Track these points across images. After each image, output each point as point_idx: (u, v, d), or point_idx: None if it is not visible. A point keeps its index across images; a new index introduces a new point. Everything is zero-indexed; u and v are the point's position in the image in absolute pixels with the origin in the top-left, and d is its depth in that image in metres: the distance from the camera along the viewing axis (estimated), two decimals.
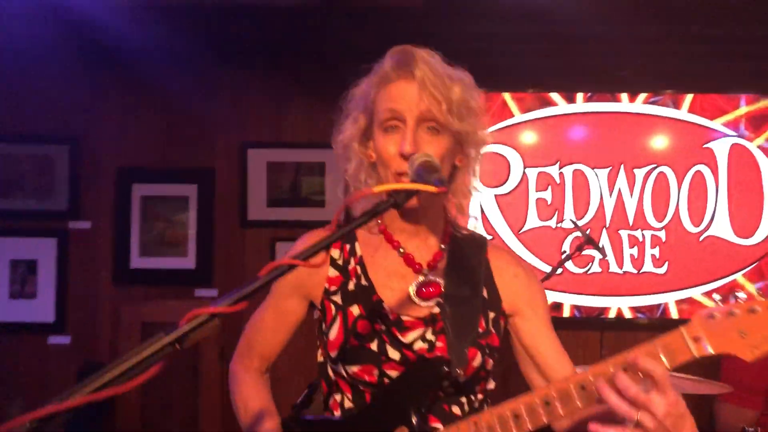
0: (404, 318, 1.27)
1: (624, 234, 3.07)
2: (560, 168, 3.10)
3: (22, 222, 3.28)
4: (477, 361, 1.26)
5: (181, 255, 3.28)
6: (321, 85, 3.27)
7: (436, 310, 1.28)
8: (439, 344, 1.25)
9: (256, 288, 0.98)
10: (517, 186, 3.12)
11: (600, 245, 2.82)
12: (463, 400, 1.26)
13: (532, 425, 1.09)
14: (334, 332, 1.29)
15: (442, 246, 1.32)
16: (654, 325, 2.99)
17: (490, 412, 1.14)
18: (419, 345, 1.25)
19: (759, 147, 3.06)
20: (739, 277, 3.04)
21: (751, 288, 3.03)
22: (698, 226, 3.08)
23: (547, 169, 3.11)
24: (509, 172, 3.12)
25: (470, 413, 1.27)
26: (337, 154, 1.37)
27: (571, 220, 2.97)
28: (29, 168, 3.30)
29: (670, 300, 3.04)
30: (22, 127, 3.30)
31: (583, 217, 3.07)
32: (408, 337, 1.26)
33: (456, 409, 1.26)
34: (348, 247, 1.35)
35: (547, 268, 3.05)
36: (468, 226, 1.41)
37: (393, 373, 1.25)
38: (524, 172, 3.11)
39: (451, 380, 1.23)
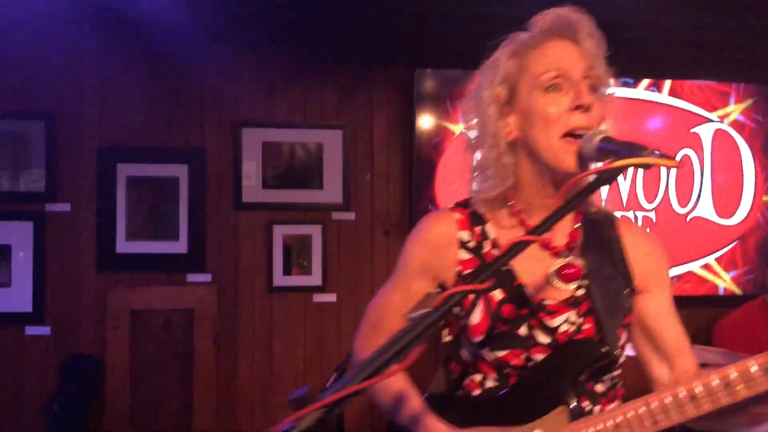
0: (548, 302, 1.25)
1: (618, 215, 3.17)
2: None
3: None
4: (623, 339, 1.27)
5: (172, 239, 3.12)
6: (316, 63, 3.20)
7: (579, 292, 1.27)
8: (586, 326, 1.25)
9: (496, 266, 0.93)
10: None
11: None
12: (605, 377, 1.27)
13: (712, 406, 1.11)
14: (476, 317, 1.25)
15: (576, 225, 1.31)
16: None
17: (659, 394, 1.15)
18: (566, 328, 1.25)
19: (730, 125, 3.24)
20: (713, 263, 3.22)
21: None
22: (685, 207, 3.22)
23: None
24: None
25: (611, 390, 1.28)
26: (469, 134, 1.32)
27: None
28: (1, 146, 3.03)
29: None
30: None
31: None
32: (554, 321, 1.25)
33: (599, 387, 1.26)
34: (478, 229, 1.31)
35: None
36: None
37: (540, 357, 1.24)
38: None
39: (605, 360, 1.23)
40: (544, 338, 1.24)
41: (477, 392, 1.29)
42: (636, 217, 3.19)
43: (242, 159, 3.15)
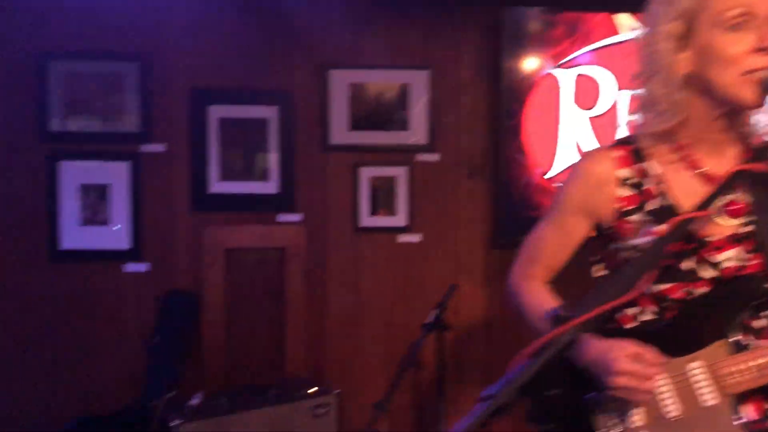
0: (712, 237, 1.27)
1: None
2: None
3: (91, 145, 3.11)
4: None
5: (263, 179, 3.19)
6: (403, 3, 3.18)
7: (744, 228, 1.28)
8: (752, 262, 1.27)
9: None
10: (609, 108, 3.13)
11: None
12: (764, 314, 1.29)
13: None
14: None
15: (742, 159, 1.32)
16: None
17: None
18: (731, 263, 1.27)
19: None
20: None
21: None
22: None
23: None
24: (601, 95, 3.12)
25: None
26: (640, 69, 1.33)
27: None
28: (96, 87, 3.10)
29: None
30: (87, 43, 3.08)
31: None
32: (719, 257, 1.27)
33: (760, 323, 1.29)
34: (640, 165, 1.33)
35: None
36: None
37: (701, 291, 1.26)
38: (617, 95, 3.12)
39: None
40: (707, 273, 1.27)
41: (630, 325, 1.33)
42: None
43: (330, 101, 3.18)
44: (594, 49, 3.10)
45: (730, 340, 1.24)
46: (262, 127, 3.17)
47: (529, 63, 3.11)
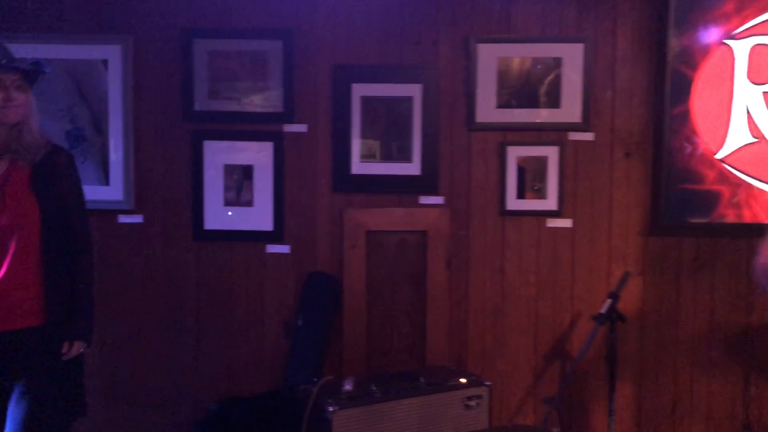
0: None
1: None
2: None
3: (235, 125, 3.08)
4: None
5: (405, 160, 3.07)
6: None
7: None
8: None
9: None
10: None
11: None
12: None
13: None
14: None
15: None
16: None
17: None
18: None
19: None
20: None
21: None
22: None
23: None
24: None
25: None
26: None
27: None
28: (240, 66, 3.06)
29: None
30: (230, 21, 3.05)
31: None
32: None
33: None
34: None
35: None
36: None
37: None
38: None
39: None
40: None
41: None
42: None
43: (476, 77, 3.02)
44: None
45: None
46: (406, 105, 3.05)
47: (699, 33, 2.85)
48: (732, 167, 2.89)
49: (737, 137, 2.86)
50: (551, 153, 3.04)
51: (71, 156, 2.26)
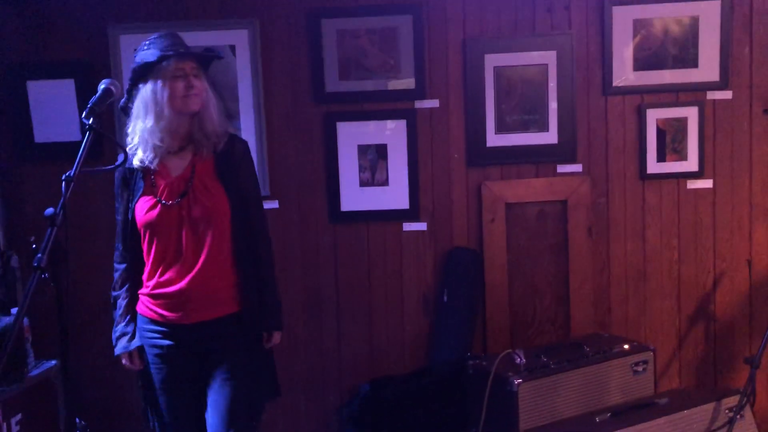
0: None
1: None
2: None
3: (367, 104, 3.04)
4: None
5: (541, 129, 3.04)
6: None
7: None
8: None
9: None
10: None
11: None
12: None
13: None
14: None
15: None
16: None
17: None
18: None
19: None
20: None
21: None
22: None
23: None
24: None
25: None
26: None
27: None
28: (369, 44, 3.01)
29: None
30: None
31: None
32: None
33: None
34: None
35: None
36: None
37: None
38: None
39: None
40: None
41: None
42: None
43: (612, 40, 2.97)
44: None
45: None
46: (540, 73, 3.01)
47: None
48: None
49: None
50: (690, 113, 3.00)
51: (246, 143, 2.24)
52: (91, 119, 1.76)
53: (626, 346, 2.72)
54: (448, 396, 2.78)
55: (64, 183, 1.63)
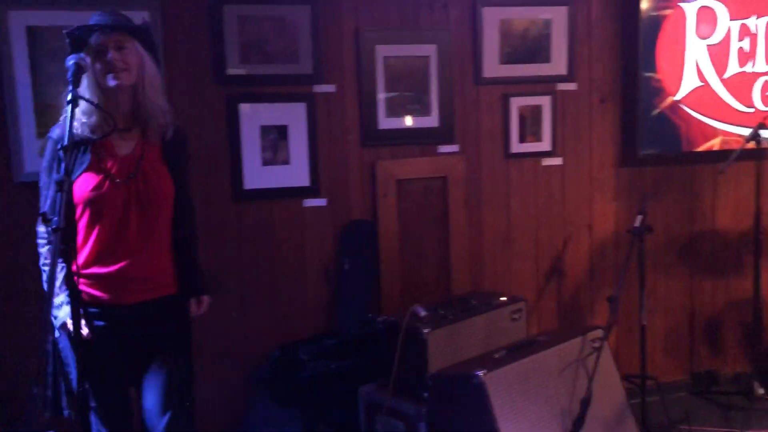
0: None
1: None
2: (756, 19, 3.59)
3: (268, 87, 3.23)
4: None
5: (425, 114, 3.43)
6: None
7: None
8: None
9: None
10: (723, 37, 3.57)
11: None
12: None
13: None
14: None
15: None
16: None
17: None
18: None
19: None
20: None
21: None
22: None
23: (747, 21, 3.58)
24: (718, 25, 3.55)
25: None
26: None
27: None
28: (270, 30, 3.20)
29: None
30: None
31: None
32: None
33: None
34: None
35: (742, 107, 3.61)
36: None
37: None
38: (729, 25, 3.56)
39: None
40: None
41: None
42: None
43: (482, 37, 3.43)
44: None
45: None
46: (423, 64, 3.39)
47: None
48: (686, 107, 3.60)
49: (689, 82, 3.57)
50: (544, 102, 3.56)
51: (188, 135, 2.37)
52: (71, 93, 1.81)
53: (504, 298, 3.20)
54: (357, 351, 3.08)
55: (62, 152, 1.69)
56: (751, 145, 3.34)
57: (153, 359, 2.20)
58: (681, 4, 3.51)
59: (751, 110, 3.64)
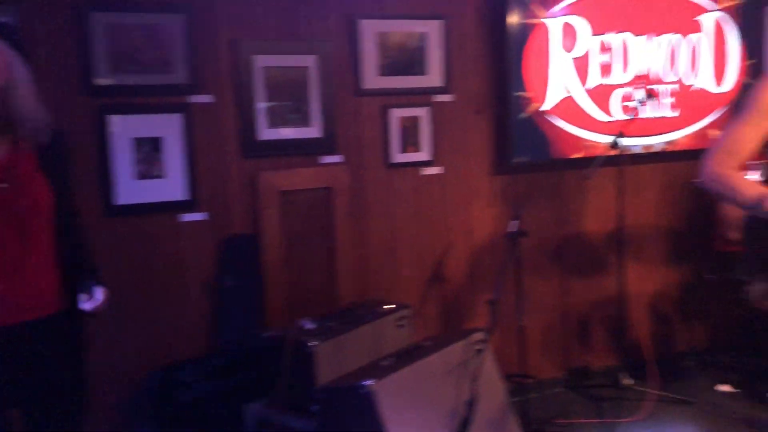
0: None
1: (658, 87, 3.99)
2: (614, 35, 3.87)
3: (140, 98, 3.10)
4: None
5: (306, 124, 3.41)
6: None
7: None
8: None
9: None
10: (585, 52, 3.82)
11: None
12: None
13: None
14: None
15: None
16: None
17: None
18: None
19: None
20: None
21: None
22: (693, 79, 4.10)
23: (605, 37, 3.85)
24: (579, 40, 3.80)
25: None
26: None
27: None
28: (143, 40, 3.08)
29: (681, 134, 4.09)
30: None
31: (627, 74, 3.91)
32: None
33: None
34: None
35: (603, 117, 3.88)
36: None
37: None
38: (590, 40, 3.81)
39: None
40: None
41: None
42: (666, 89, 4.01)
43: (361, 49, 3.47)
44: (573, 1, 3.75)
45: None
46: (303, 74, 3.38)
47: (529, 13, 3.67)
48: (553, 117, 3.81)
49: (555, 94, 3.78)
50: (423, 113, 3.65)
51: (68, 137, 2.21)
52: None
53: (390, 306, 3.24)
54: (243, 369, 3.01)
55: None
56: (613, 152, 3.58)
57: (36, 380, 2.04)
58: (545, 20, 3.71)
59: (612, 119, 3.90)
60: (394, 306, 3.26)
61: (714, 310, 4.29)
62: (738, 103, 4.06)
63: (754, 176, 2.31)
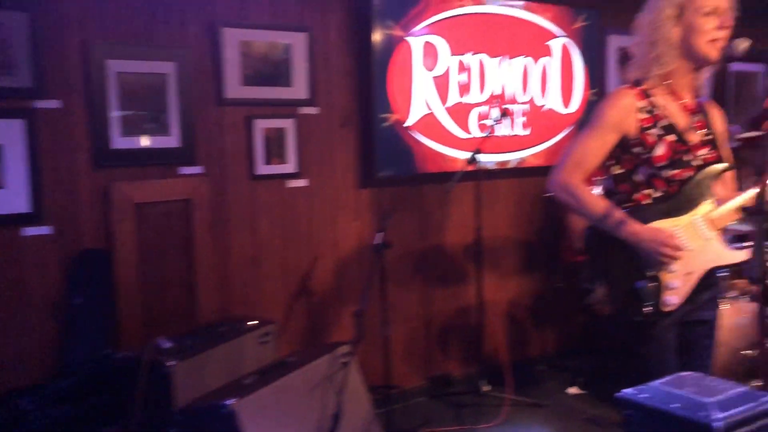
0: (694, 141, 2.14)
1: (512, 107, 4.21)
2: (472, 56, 4.04)
3: None
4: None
5: (164, 133, 3.28)
6: None
7: (707, 137, 2.17)
8: (712, 154, 2.16)
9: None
10: (445, 70, 3.96)
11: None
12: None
13: None
14: (660, 151, 2.09)
15: (698, 98, 2.22)
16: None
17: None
18: (704, 155, 2.14)
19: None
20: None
21: None
22: (543, 100, 4.38)
23: (464, 57, 4.02)
24: (440, 59, 3.93)
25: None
26: (642, 36, 2.13)
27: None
28: None
29: (533, 152, 4.35)
30: None
31: (484, 94, 4.11)
32: (700, 153, 2.14)
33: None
34: (649, 100, 2.13)
35: (462, 134, 4.05)
36: None
37: (690, 174, 2.12)
38: (449, 59, 3.96)
39: (726, 170, 2.18)
40: (695, 162, 2.12)
41: (646, 201, 2.14)
42: (519, 109, 4.24)
43: (223, 57, 3.39)
44: (434, 21, 3.88)
45: (712, 200, 2.15)
46: (161, 82, 3.24)
47: (394, 30, 3.75)
48: (416, 132, 3.91)
49: (417, 110, 3.89)
50: (288, 125, 3.61)
51: None
52: None
53: (253, 322, 3.16)
54: (95, 393, 2.81)
55: None
56: (471, 167, 3.73)
57: None
58: (408, 39, 3.81)
59: (470, 136, 4.07)
60: (257, 322, 3.19)
61: (562, 317, 4.58)
62: (583, 121, 4.38)
63: (596, 190, 2.49)
